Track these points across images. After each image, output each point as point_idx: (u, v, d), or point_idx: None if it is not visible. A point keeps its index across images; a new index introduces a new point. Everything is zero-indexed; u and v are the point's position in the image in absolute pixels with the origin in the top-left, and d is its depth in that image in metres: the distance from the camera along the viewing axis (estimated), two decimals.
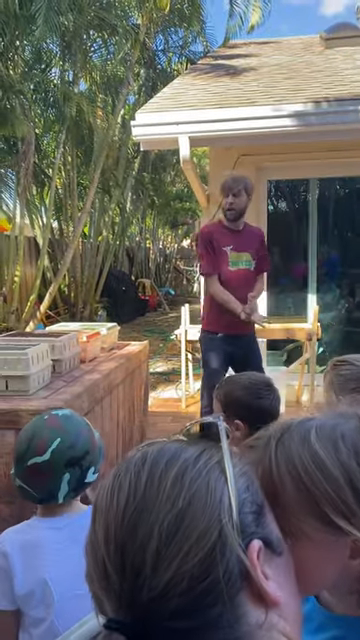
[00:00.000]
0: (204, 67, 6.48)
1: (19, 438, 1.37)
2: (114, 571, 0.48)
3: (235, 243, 3.43)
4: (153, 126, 4.40)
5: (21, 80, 7.48)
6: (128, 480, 0.51)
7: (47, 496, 1.33)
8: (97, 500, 0.53)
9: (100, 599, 0.49)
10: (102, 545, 0.49)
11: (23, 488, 1.35)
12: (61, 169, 9.72)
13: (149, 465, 0.52)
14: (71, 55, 8.39)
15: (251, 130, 4.28)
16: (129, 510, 0.49)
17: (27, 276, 9.44)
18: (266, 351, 5.40)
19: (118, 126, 10.13)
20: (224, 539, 0.47)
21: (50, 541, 1.31)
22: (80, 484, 1.35)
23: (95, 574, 0.50)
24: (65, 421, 1.40)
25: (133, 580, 0.47)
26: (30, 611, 1.27)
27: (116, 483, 0.52)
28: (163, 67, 10.91)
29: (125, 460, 0.55)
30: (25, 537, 1.32)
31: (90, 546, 0.51)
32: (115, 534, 0.49)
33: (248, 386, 1.76)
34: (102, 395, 3.10)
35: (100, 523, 0.51)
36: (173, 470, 0.51)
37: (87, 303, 10.47)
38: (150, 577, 0.46)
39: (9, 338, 3.36)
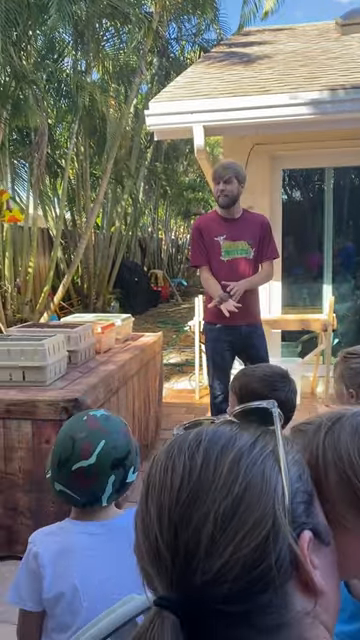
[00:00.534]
0: (218, 55, 6.40)
1: (60, 442, 1.33)
2: (166, 549, 0.49)
3: (229, 232, 3.37)
4: (167, 115, 4.37)
5: (34, 70, 7.46)
6: (182, 461, 0.52)
7: (91, 499, 1.29)
8: (149, 476, 0.54)
9: (149, 574, 0.51)
10: (155, 522, 0.50)
11: (65, 493, 1.30)
12: (74, 159, 9.71)
13: (204, 448, 0.52)
14: (83, 44, 8.34)
15: (266, 119, 4.23)
16: (184, 492, 0.50)
17: (41, 267, 9.47)
18: (281, 342, 5.38)
19: (131, 116, 10.07)
20: (277, 528, 0.48)
21: (83, 547, 1.28)
22: (122, 485, 1.32)
23: (145, 549, 0.51)
24: (105, 422, 1.35)
25: (186, 562, 0.48)
26: (56, 616, 1.25)
27: (169, 462, 0.52)
28: (176, 55, 10.82)
29: (177, 438, 0.55)
30: (57, 539, 1.30)
31: (141, 521, 0.52)
32: (169, 514, 0.50)
33: (263, 378, 1.75)
34: (117, 386, 3.11)
35: (153, 500, 0.51)
36: (229, 456, 0.51)
37: (100, 294, 10.49)
38: (204, 560, 0.47)
39: (25, 329, 3.38)
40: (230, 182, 3.28)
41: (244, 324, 3.40)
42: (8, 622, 2.18)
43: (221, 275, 3.34)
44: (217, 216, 3.45)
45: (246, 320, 3.40)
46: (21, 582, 1.30)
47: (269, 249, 3.50)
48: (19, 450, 2.58)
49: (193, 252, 3.51)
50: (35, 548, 1.27)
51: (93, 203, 9.19)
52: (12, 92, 6.90)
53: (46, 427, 2.51)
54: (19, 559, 2.67)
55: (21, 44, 7.24)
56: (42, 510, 2.55)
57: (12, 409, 2.56)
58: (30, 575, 1.27)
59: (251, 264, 3.42)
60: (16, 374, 2.78)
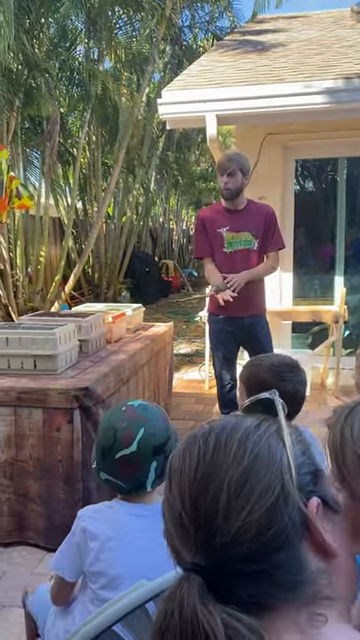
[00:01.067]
0: (231, 43, 6.34)
1: (102, 433, 1.39)
2: (190, 522, 0.56)
3: (232, 223, 3.32)
4: (179, 104, 4.34)
5: (46, 58, 7.43)
6: (197, 446, 0.60)
7: (136, 485, 1.35)
8: (171, 465, 0.61)
9: (178, 551, 0.57)
10: (178, 502, 0.57)
11: (110, 481, 1.37)
12: (85, 148, 9.69)
13: (215, 433, 0.60)
14: (96, 32, 8.29)
15: (280, 108, 4.19)
16: (200, 470, 0.57)
17: (52, 256, 9.49)
18: (291, 333, 5.37)
19: (143, 104, 10.02)
20: (286, 492, 0.55)
21: (130, 527, 1.33)
22: (164, 470, 1.37)
23: (173, 528, 0.58)
24: (143, 411, 1.41)
25: (207, 528, 0.54)
26: (95, 589, 1.30)
27: (187, 450, 0.61)
28: (189, 43, 10.73)
29: (191, 432, 0.63)
30: (105, 517, 1.35)
31: (167, 504, 0.60)
32: (189, 491, 0.57)
33: (271, 368, 1.75)
34: (128, 375, 3.12)
35: (175, 483, 0.59)
36: (237, 435, 0.59)
37: (111, 284, 10.51)
38: (222, 525, 0.54)
39: (37, 318, 3.40)
40: (234, 174, 3.22)
41: (247, 315, 3.36)
42: (20, 606, 2.21)
43: (224, 267, 3.32)
44: (221, 207, 3.42)
45: (249, 312, 3.36)
46: (64, 553, 1.36)
47: (274, 240, 3.42)
48: (30, 438, 2.60)
49: (196, 243, 3.50)
50: (84, 523, 1.34)
51: (104, 192, 9.18)
52: (24, 80, 6.89)
53: (57, 415, 2.53)
54: (30, 545, 2.72)
55: (34, 32, 7.21)
56: (52, 497, 2.58)
57: (23, 397, 2.58)
58: (74, 548, 1.34)
59: (255, 255, 3.36)
60: (27, 362, 2.80)
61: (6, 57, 5.89)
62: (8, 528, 2.66)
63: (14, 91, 6.61)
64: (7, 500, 2.63)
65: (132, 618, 0.95)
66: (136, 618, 0.96)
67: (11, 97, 6.54)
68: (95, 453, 1.41)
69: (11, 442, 2.61)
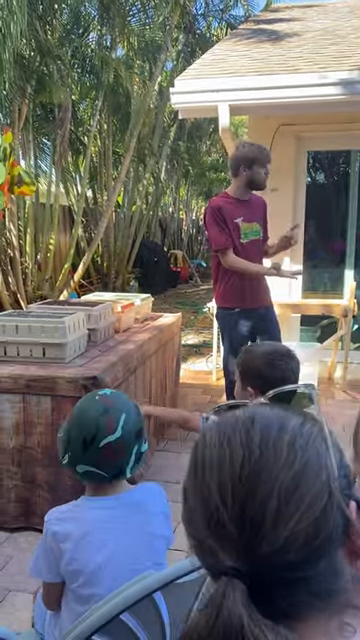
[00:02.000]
0: (245, 32, 6.27)
1: (79, 424, 1.35)
2: (232, 523, 0.52)
3: (245, 214, 3.32)
4: (192, 93, 4.30)
5: (59, 45, 7.39)
6: (239, 439, 0.56)
7: (117, 473, 1.33)
8: (202, 454, 0.57)
9: (210, 548, 0.54)
10: (216, 497, 0.53)
11: (90, 472, 1.33)
12: (96, 137, 9.65)
13: (259, 428, 0.56)
14: (109, 19, 8.23)
15: (294, 99, 4.15)
16: (246, 468, 0.53)
17: (61, 245, 9.50)
18: (299, 327, 5.35)
19: (155, 93, 9.95)
20: (332, 499, 0.53)
21: (101, 520, 1.32)
22: (140, 454, 1.37)
23: (205, 523, 0.54)
24: (117, 397, 1.40)
25: (253, 533, 0.52)
26: (76, 588, 1.29)
27: (224, 440, 0.56)
28: (202, 32, 10.62)
29: (226, 418, 0.60)
30: (73, 517, 1.33)
31: (198, 497, 0.55)
32: (232, 489, 0.53)
33: (264, 355, 1.80)
34: (136, 365, 3.13)
35: (211, 475, 0.55)
36: (286, 437, 0.56)
37: (119, 273, 10.51)
38: (270, 532, 0.51)
39: (46, 306, 3.41)
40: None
41: (263, 305, 3.38)
42: (26, 591, 2.24)
43: (246, 257, 3.29)
44: (231, 198, 3.35)
45: (264, 300, 3.40)
46: (40, 558, 1.35)
47: (266, 229, 3.53)
48: (38, 425, 2.62)
49: (217, 234, 3.28)
50: (53, 527, 1.31)
51: (115, 181, 9.16)
52: (37, 67, 6.86)
53: (65, 403, 2.54)
54: (36, 530, 2.75)
55: (46, 18, 7.17)
56: (60, 484, 2.59)
57: (32, 385, 2.60)
58: (48, 552, 1.32)
59: (262, 245, 3.46)
60: (36, 350, 2.81)
61: (19, 43, 5.87)
62: (15, 514, 2.69)
63: (26, 78, 6.59)
64: (15, 486, 2.66)
65: (139, 607, 0.96)
66: (143, 607, 0.97)
67: (23, 84, 6.53)
68: (66, 446, 1.35)
69: (20, 429, 2.63)
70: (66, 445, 1.36)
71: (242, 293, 3.31)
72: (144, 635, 1.02)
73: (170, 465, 3.36)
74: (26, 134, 7.52)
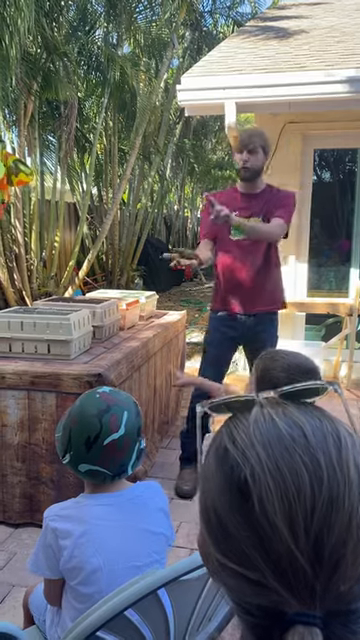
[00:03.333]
0: (252, 29, 6.25)
1: (81, 422, 1.33)
2: (307, 562, 0.45)
3: (243, 208, 2.93)
4: (199, 91, 4.29)
5: (65, 42, 7.38)
6: (300, 462, 0.47)
7: (120, 471, 1.33)
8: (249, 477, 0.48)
9: (272, 587, 0.46)
10: (285, 533, 0.46)
11: (92, 471, 1.32)
12: (102, 134, 9.64)
13: (318, 446, 0.49)
14: (116, 16, 8.21)
15: (300, 96, 4.13)
16: (318, 499, 0.46)
17: (66, 242, 9.50)
18: (304, 325, 5.34)
19: (161, 91, 9.93)
20: None
21: (100, 517, 1.32)
22: (140, 452, 1.38)
23: (269, 561, 0.46)
24: (117, 395, 1.40)
25: (330, 573, 0.45)
26: (76, 585, 1.29)
27: (280, 462, 0.48)
28: (209, 29, 10.59)
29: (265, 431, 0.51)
30: (73, 514, 1.33)
31: (253, 528, 0.47)
32: (305, 523, 0.45)
33: (287, 369, 1.70)
34: (140, 363, 3.13)
35: (274, 508, 0.46)
36: (349, 455, 0.49)
37: (124, 271, 10.50)
38: (349, 568, 0.45)
39: (52, 303, 3.41)
40: (255, 152, 2.87)
41: (250, 312, 3.03)
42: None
43: (228, 255, 2.99)
44: (235, 191, 3.07)
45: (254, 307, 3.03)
46: (40, 554, 1.34)
47: (279, 210, 2.94)
48: (43, 421, 2.62)
49: (201, 225, 3.12)
50: (53, 524, 1.31)
51: (120, 179, 9.15)
52: (43, 64, 6.85)
53: (70, 400, 2.54)
54: (39, 527, 2.75)
55: (53, 15, 7.16)
56: (64, 480, 2.60)
57: (36, 381, 2.60)
58: (48, 549, 1.31)
59: (265, 244, 2.99)
60: (41, 347, 2.82)
61: (25, 40, 5.86)
62: (19, 509, 2.69)
63: (32, 74, 6.57)
64: (19, 482, 2.66)
65: (143, 604, 0.96)
66: (147, 604, 0.97)
67: (29, 80, 6.52)
68: (67, 445, 1.34)
69: (24, 425, 2.63)
70: (67, 444, 1.34)
71: (225, 296, 3.03)
72: (148, 631, 1.02)
73: (173, 462, 3.36)
74: (32, 131, 7.51)
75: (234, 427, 0.53)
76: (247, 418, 0.53)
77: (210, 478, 0.52)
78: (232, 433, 0.52)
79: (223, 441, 0.53)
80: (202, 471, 0.55)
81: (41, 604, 1.47)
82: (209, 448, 0.55)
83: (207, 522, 0.51)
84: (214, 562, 0.50)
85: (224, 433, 0.54)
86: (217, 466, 0.52)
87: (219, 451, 0.52)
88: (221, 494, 0.50)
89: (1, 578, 2.38)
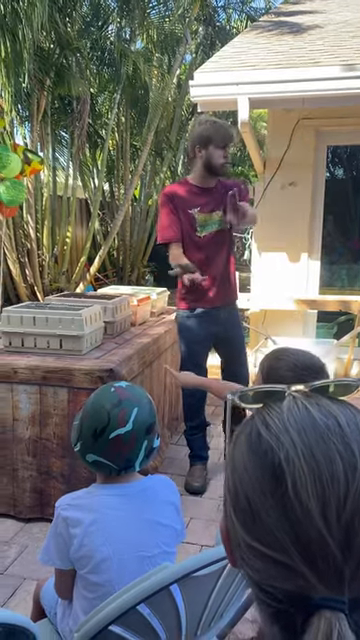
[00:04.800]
0: (266, 24, 6.20)
1: (92, 414, 1.36)
2: (337, 547, 0.45)
3: (204, 203, 2.93)
4: (211, 86, 4.27)
5: (78, 37, 7.38)
6: (335, 450, 0.48)
7: (126, 465, 1.35)
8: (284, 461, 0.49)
9: (300, 571, 0.46)
10: (317, 518, 0.46)
11: (99, 462, 1.35)
12: (114, 130, 9.64)
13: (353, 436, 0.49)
14: (129, 11, 8.20)
15: (314, 92, 4.10)
16: (351, 485, 0.46)
17: (78, 238, 9.53)
18: (316, 323, 5.32)
19: (173, 86, 9.91)
20: None
21: (110, 507, 1.33)
22: (151, 450, 1.38)
23: (299, 545, 0.46)
24: (132, 391, 1.41)
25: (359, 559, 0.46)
26: (87, 574, 1.31)
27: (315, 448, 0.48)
28: (222, 24, 10.54)
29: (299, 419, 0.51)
30: (84, 503, 1.35)
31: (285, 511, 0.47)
32: (337, 509, 0.46)
33: (293, 368, 1.68)
34: (151, 358, 3.13)
35: (308, 493, 0.47)
36: None
37: (135, 267, 10.51)
38: None
39: (64, 299, 3.42)
40: (229, 148, 2.92)
41: (224, 305, 3.06)
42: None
43: (198, 253, 2.95)
44: (190, 185, 2.99)
45: (226, 299, 3.07)
46: (50, 544, 1.36)
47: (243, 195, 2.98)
48: (54, 416, 2.63)
49: (164, 225, 2.95)
50: (64, 513, 1.33)
51: (132, 175, 9.15)
52: (56, 59, 6.86)
53: (81, 395, 2.55)
54: (50, 521, 2.77)
55: (66, 10, 7.16)
56: (74, 475, 2.61)
57: (48, 376, 2.61)
58: (59, 538, 1.33)
59: (227, 236, 3.02)
60: (53, 342, 2.83)
61: (39, 36, 5.87)
62: (30, 504, 2.71)
63: (45, 70, 6.59)
64: (30, 477, 2.68)
65: (156, 599, 0.96)
66: (160, 599, 0.97)
67: (42, 76, 6.53)
68: (79, 434, 1.38)
69: (35, 420, 2.65)
70: (79, 433, 1.38)
71: (203, 291, 2.98)
72: (160, 627, 1.02)
73: (182, 459, 3.37)
74: (44, 127, 7.54)
75: (267, 414, 0.54)
76: (280, 406, 0.54)
77: (241, 462, 0.52)
78: (265, 419, 0.53)
79: (256, 426, 0.53)
80: (230, 456, 0.55)
81: (52, 597, 1.48)
82: (238, 434, 0.56)
83: (237, 506, 0.51)
84: (241, 545, 0.50)
85: (257, 419, 0.54)
86: (249, 450, 0.52)
87: (252, 436, 0.53)
88: (254, 478, 0.50)
89: (12, 571, 2.40)
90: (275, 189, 5.01)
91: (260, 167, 5.12)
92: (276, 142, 4.99)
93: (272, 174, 4.99)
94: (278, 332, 4.85)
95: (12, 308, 2.96)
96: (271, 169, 5.00)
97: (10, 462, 2.70)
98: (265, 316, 5.14)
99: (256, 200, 5.13)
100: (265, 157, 5.09)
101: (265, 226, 4.85)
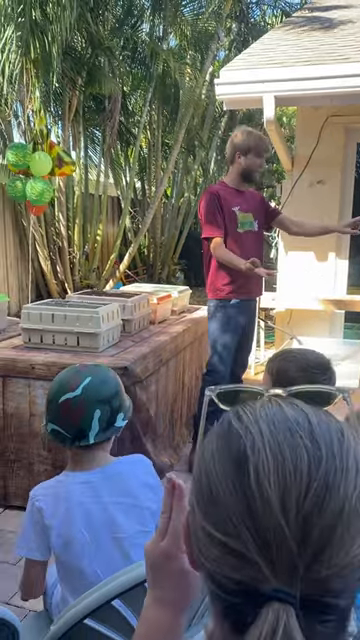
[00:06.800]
0: (299, 20, 6.12)
1: (54, 383, 1.45)
2: (293, 540, 0.45)
3: (241, 203, 3.23)
4: (237, 84, 4.25)
5: (111, 37, 7.44)
6: (301, 444, 0.48)
7: (78, 434, 1.37)
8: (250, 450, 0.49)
9: (254, 561, 0.46)
10: (277, 509, 0.46)
11: (54, 431, 1.40)
12: (146, 128, 9.69)
13: (321, 434, 0.50)
14: (162, 9, 8.21)
15: (343, 89, 4.02)
16: (314, 480, 0.46)
17: (109, 235, 9.62)
18: (343, 323, 5.23)
19: (206, 83, 9.89)
20: None
21: (82, 495, 1.36)
22: (110, 425, 1.40)
23: (256, 534, 0.46)
24: (94, 367, 1.50)
25: (315, 554, 0.45)
26: (66, 562, 1.34)
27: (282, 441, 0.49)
28: (256, 20, 10.44)
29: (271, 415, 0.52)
30: (56, 492, 1.38)
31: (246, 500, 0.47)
32: (297, 502, 0.46)
33: (305, 368, 1.68)
34: (168, 357, 3.15)
35: (269, 483, 0.47)
36: (349, 446, 0.50)
37: (165, 264, 10.55)
38: (334, 556, 0.45)
39: (84, 296, 3.47)
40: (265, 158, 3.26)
41: (257, 297, 3.42)
42: None
43: (235, 248, 3.14)
44: (228, 187, 3.27)
45: (258, 292, 3.40)
46: (29, 534, 1.38)
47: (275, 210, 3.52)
48: None
49: (211, 221, 3.16)
50: (38, 503, 1.36)
51: (163, 172, 9.18)
52: (88, 59, 6.94)
53: None
54: None
55: (98, 10, 7.23)
56: None
57: None
58: (36, 527, 1.36)
59: (259, 237, 3.35)
60: (71, 339, 2.88)
61: (69, 36, 5.94)
62: None
63: (77, 70, 6.67)
64: (45, 471, 2.74)
65: (132, 595, 0.98)
66: (136, 595, 0.99)
67: (74, 76, 6.62)
68: (45, 407, 1.46)
69: None
70: (45, 406, 1.47)
71: (239, 282, 3.14)
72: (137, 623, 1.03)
73: None
74: (76, 125, 7.63)
75: (240, 408, 0.55)
76: (254, 404, 0.55)
77: (209, 450, 0.53)
78: (238, 412, 0.54)
79: (228, 417, 0.54)
80: (201, 445, 0.56)
81: (49, 587, 1.51)
82: (211, 429, 0.57)
83: (199, 492, 0.52)
84: (199, 533, 0.51)
85: (230, 412, 0.55)
86: (218, 438, 0.53)
87: (222, 425, 0.54)
88: (218, 464, 0.50)
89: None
90: (303, 187, 4.95)
91: (288, 165, 5.06)
92: (304, 139, 4.93)
93: (300, 172, 4.93)
94: (304, 332, 4.80)
95: (32, 305, 3.02)
96: (299, 167, 4.94)
97: (26, 456, 2.77)
98: (291, 315, 5.09)
99: (283, 198, 5.08)
100: (293, 155, 5.03)
101: None
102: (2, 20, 5.15)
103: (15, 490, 2.80)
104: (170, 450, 3.18)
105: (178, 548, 0.65)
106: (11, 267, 7.71)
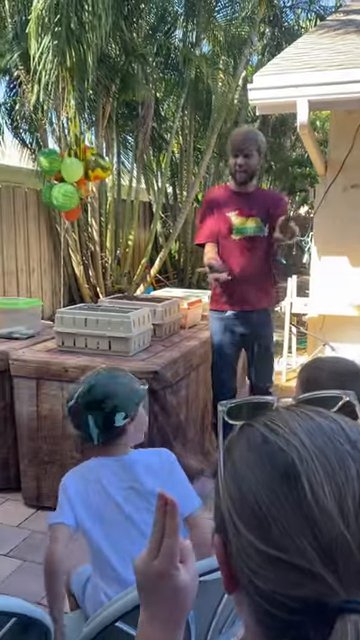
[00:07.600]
0: (333, 24, 6.06)
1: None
2: (357, 547, 0.45)
3: (241, 207, 3.03)
4: (270, 89, 4.23)
5: (144, 44, 7.52)
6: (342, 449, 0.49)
7: (85, 435, 1.55)
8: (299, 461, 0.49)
9: (319, 574, 0.45)
10: (338, 521, 0.45)
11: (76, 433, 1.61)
12: (179, 133, 9.75)
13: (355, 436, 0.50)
14: (195, 16, 8.26)
15: None
16: None
17: (140, 240, 9.71)
18: None
19: (239, 88, 9.89)
20: None
21: (101, 476, 1.52)
22: (108, 426, 1.52)
23: (319, 548, 0.45)
24: (93, 373, 1.63)
25: None
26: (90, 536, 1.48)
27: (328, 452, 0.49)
28: (290, 24, 10.40)
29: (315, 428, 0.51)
30: (81, 472, 1.55)
31: (303, 515, 0.47)
32: (355, 508, 0.46)
33: (335, 377, 1.68)
34: (198, 362, 3.15)
35: (326, 496, 0.46)
36: None
37: (195, 269, 10.57)
38: None
39: (115, 301, 3.51)
40: (250, 156, 2.96)
41: (256, 309, 3.11)
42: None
43: (231, 255, 3.03)
44: (229, 190, 3.13)
45: (259, 305, 3.13)
46: (64, 503, 1.51)
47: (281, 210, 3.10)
48: None
49: (200, 227, 3.14)
50: (65, 481, 1.55)
51: (194, 177, 9.21)
52: (121, 66, 7.03)
53: None
54: None
55: (132, 18, 7.32)
56: None
57: None
58: (63, 499, 1.50)
59: (265, 243, 3.07)
60: (103, 343, 2.91)
61: (103, 44, 6.03)
62: None
63: (111, 77, 6.77)
64: None
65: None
66: None
67: (108, 83, 6.71)
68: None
69: None
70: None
71: (237, 294, 3.06)
72: None
73: None
74: (110, 132, 7.73)
75: (268, 420, 0.54)
76: (279, 414, 0.54)
77: (244, 468, 0.52)
78: (268, 424, 0.53)
79: (258, 432, 0.53)
80: (228, 466, 0.54)
81: (80, 581, 1.54)
82: (232, 444, 0.55)
83: (243, 513, 0.50)
84: (251, 555, 0.49)
85: (257, 426, 0.54)
86: (255, 454, 0.51)
87: (255, 441, 0.52)
88: (263, 481, 0.49)
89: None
90: (337, 192, 4.89)
91: (322, 169, 5.01)
92: (338, 144, 4.87)
93: (334, 176, 4.88)
94: (337, 338, 4.74)
95: (66, 309, 3.07)
96: (333, 171, 4.89)
97: (59, 457, 2.81)
98: (324, 321, 5.03)
99: (317, 202, 5.04)
100: (327, 159, 4.98)
101: (325, 229, 4.75)
102: (40, 30, 5.27)
103: (48, 491, 2.84)
104: (200, 456, 3.18)
105: (173, 567, 0.63)
106: (45, 272, 7.86)
